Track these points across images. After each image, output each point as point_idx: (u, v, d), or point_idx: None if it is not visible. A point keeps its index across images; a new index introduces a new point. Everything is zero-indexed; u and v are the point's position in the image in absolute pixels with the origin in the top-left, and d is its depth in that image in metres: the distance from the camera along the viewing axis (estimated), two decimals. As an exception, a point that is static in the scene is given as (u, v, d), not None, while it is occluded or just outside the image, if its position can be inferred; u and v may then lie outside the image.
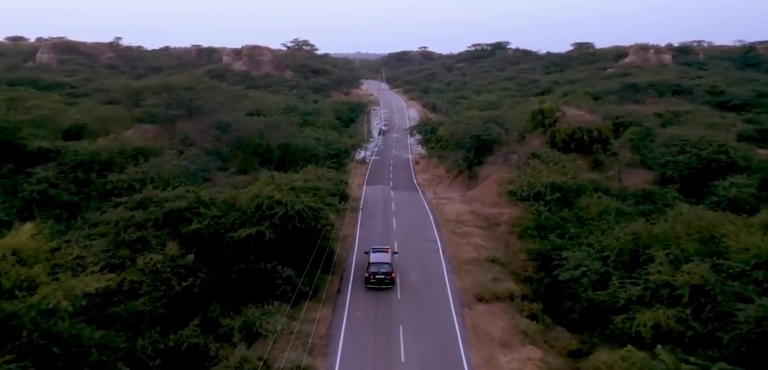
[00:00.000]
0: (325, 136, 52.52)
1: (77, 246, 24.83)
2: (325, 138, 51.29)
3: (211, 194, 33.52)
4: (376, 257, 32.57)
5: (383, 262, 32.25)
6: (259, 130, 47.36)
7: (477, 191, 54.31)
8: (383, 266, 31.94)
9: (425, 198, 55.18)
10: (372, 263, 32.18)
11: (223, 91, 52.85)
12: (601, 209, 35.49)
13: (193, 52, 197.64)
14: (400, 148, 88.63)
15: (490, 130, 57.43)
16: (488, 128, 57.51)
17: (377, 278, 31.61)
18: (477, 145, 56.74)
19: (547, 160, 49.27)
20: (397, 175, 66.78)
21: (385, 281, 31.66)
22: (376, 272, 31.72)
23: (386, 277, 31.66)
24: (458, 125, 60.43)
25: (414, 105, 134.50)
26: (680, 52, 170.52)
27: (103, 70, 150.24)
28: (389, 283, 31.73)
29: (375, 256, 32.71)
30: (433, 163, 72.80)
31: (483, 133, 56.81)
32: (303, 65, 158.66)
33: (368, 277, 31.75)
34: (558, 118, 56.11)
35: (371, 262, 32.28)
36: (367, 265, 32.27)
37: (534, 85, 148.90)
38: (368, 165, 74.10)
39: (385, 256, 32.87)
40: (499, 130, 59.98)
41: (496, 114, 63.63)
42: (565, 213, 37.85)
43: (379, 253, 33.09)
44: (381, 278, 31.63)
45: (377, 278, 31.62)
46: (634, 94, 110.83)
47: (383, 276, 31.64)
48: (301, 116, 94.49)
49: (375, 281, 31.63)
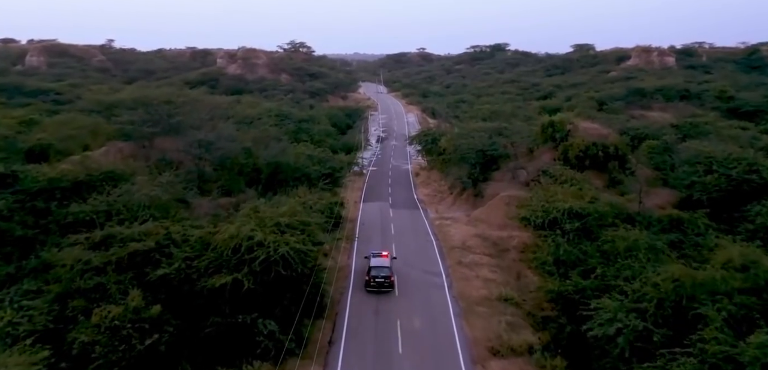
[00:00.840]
0: (318, 154, 47.88)
1: (10, 308, 20.26)
2: (319, 156, 46.69)
3: (184, 229, 29.00)
4: (375, 262, 33.69)
5: (383, 266, 33.39)
6: (245, 147, 42.72)
7: (483, 210, 49.87)
8: (383, 270, 33.02)
9: (427, 218, 50.70)
10: (372, 266, 33.26)
11: (206, 104, 48.13)
12: (628, 244, 31.05)
13: (187, 55, 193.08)
14: (399, 158, 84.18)
15: (497, 145, 52.96)
16: (495, 143, 53.03)
17: (377, 281, 32.66)
18: (482, 161, 52.24)
19: (560, 179, 44.87)
20: (396, 191, 62.29)
21: (385, 285, 32.71)
22: (376, 276, 32.75)
23: (385, 280, 32.75)
24: (462, 139, 55.87)
25: (413, 110, 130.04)
26: (683, 55, 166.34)
27: (93, 73, 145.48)
28: (388, 286, 32.79)
29: (374, 261, 33.84)
30: (434, 175, 68.37)
31: (489, 148, 52.32)
32: (299, 68, 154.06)
33: (368, 280, 32.84)
34: (570, 131, 51.70)
35: (371, 266, 33.39)
36: (368, 269, 33.37)
37: (535, 89, 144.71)
38: (366, 177, 69.63)
39: (384, 261, 33.99)
40: (505, 143, 55.55)
41: (503, 126, 59.10)
42: (586, 246, 33.38)
43: (379, 258, 34.23)
44: (381, 282, 32.68)
45: (377, 282, 32.66)
46: (641, 99, 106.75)
47: (383, 280, 32.72)
48: (295, 124, 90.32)
49: (375, 284, 32.68)
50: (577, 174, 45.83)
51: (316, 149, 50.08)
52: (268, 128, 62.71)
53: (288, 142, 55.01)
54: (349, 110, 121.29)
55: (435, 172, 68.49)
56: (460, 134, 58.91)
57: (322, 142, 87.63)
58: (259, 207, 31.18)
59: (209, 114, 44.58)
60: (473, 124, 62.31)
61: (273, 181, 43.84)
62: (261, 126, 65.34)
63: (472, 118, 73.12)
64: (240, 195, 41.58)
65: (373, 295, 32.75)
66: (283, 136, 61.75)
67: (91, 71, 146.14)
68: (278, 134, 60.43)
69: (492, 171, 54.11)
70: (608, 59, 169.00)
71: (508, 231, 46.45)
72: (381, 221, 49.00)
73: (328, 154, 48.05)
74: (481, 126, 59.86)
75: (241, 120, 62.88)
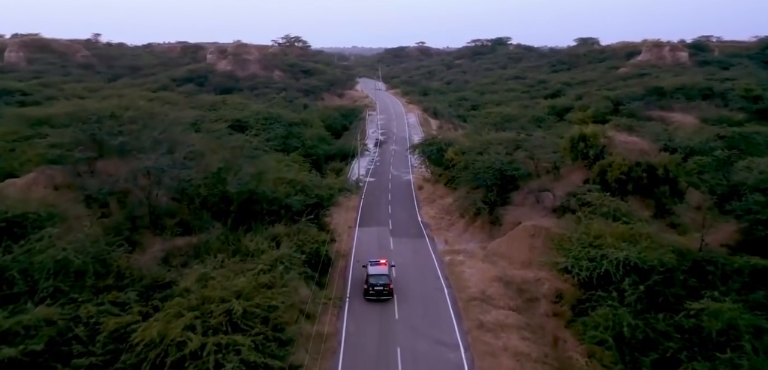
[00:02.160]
0: (303, 178, 38.47)
1: None
2: (303, 182, 37.39)
3: (99, 313, 20.01)
4: (373, 270, 32.41)
5: (381, 273, 32.09)
6: (212, 172, 33.44)
7: (502, 242, 40.91)
8: (381, 279, 31.84)
9: (435, 251, 41.70)
10: (370, 274, 32.12)
11: (166, 117, 38.65)
12: (722, 323, 22.14)
13: (178, 49, 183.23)
14: (400, 166, 75.11)
15: (517, 163, 43.86)
16: (515, 162, 43.91)
17: (376, 289, 31.62)
18: (500, 183, 43.19)
19: (600, 209, 35.87)
20: (397, 211, 53.23)
21: (384, 293, 31.68)
22: (375, 284, 31.69)
23: (384, 288, 31.72)
24: (476, 155, 46.72)
25: (413, 110, 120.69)
26: (694, 49, 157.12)
27: (75, 70, 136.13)
28: (387, 294, 31.72)
29: (372, 269, 32.53)
30: (439, 189, 59.30)
31: (509, 167, 43.20)
32: (293, 65, 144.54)
33: (367, 288, 31.83)
34: (605, 147, 42.72)
35: (369, 273, 32.21)
36: (366, 277, 32.34)
37: (542, 86, 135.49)
38: (362, 191, 60.62)
39: (382, 269, 32.65)
40: (525, 158, 46.51)
41: (521, 137, 49.97)
42: (657, 321, 24.39)
43: (377, 266, 32.85)
44: (379, 290, 31.62)
45: (376, 290, 31.62)
46: (659, 99, 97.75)
47: (381, 287, 31.67)
48: (285, 127, 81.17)
49: (374, 292, 31.62)
50: (621, 203, 36.86)
51: (301, 172, 40.54)
52: (249, 140, 53.53)
53: (268, 158, 45.89)
54: (346, 110, 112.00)
55: (440, 186, 59.45)
56: (473, 147, 49.81)
57: (315, 148, 78.93)
58: (210, 276, 22.05)
59: (164, 130, 35.21)
60: (487, 135, 53.04)
61: (246, 213, 34.77)
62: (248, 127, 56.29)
63: (484, 125, 63.96)
64: (201, 234, 32.57)
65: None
66: (265, 149, 52.68)
67: (73, 68, 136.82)
68: (261, 145, 51.37)
69: (510, 191, 45.09)
70: (617, 54, 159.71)
71: (534, 271, 37.66)
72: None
73: (316, 178, 38.28)
74: (496, 137, 50.67)
75: (210, 131, 53.30)
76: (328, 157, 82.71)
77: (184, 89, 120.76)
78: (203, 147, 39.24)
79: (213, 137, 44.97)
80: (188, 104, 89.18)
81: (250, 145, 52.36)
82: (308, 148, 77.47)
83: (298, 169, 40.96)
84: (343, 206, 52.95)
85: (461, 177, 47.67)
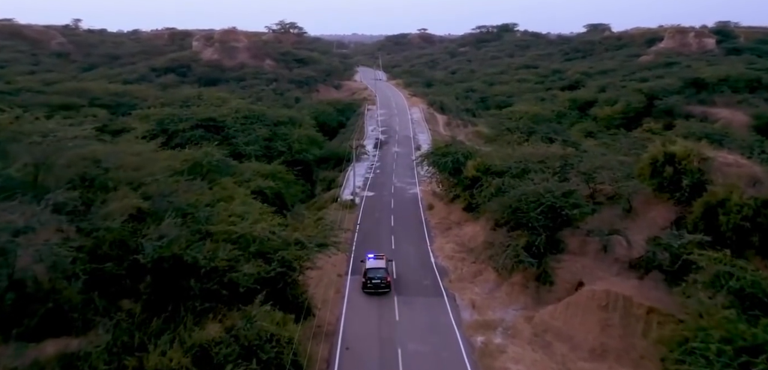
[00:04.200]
0: (262, 230, 23.77)
1: None
2: (262, 236, 23.13)
3: None
4: (372, 263, 31.81)
5: (379, 267, 31.54)
6: (100, 234, 20.04)
7: (557, 311, 27.53)
8: (379, 272, 31.25)
9: (459, 325, 28.20)
10: (369, 268, 31.45)
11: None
12: None
13: (165, 36, 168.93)
14: (404, 174, 61.61)
15: (577, 196, 30.14)
16: (574, 194, 30.12)
17: (374, 283, 30.98)
18: (552, 224, 29.56)
19: (721, 278, 22.45)
20: (403, 245, 39.70)
21: (381, 286, 30.93)
22: (373, 277, 31.05)
23: (382, 281, 31.02)
24: (510, 179, 33.07)
25: (417, 103, 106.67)
26: (719, 36, 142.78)
27: (48, 58, 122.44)
28: (385, 287, 30.97)
29: (371, 262, 31.88)
30: (455, 211, 45.84)
31: (566, 204, 29.43)
32: (286, 53, 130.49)
33: (365, 282, 31.18)
34: (703, 172, 29.20)
35: (368, 267, 31.52)
36: (364, 271, 31.57)
37: (558, 77, 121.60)
38: (358, 215, 47.35)
39: (380, 262, 31.94)
40: (578, 180, 32.93)
41: (569, 151, 36.29)
42: None
43: (375, 259, 32.14)
44: (377, 283, 30.97)
45: (374, 284, 30.98)
46: (698, 92, 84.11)
47: (379, 280, 31.02)
48: (269, 128, 67.61)
49: (372, 285, 30.97)
50: (746, 265, 23.40)
51: (263, 218, 26.12)
52: (210, 152, 40.16)
53: (228, 181, 32.54)
54: (342, 105, 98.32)
55: (457, 208, 46.00)
56: (505, 164, 36.17)
57: (304, 153, 65.46)
58: None
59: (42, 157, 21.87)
60: (521, 149, 39.18)
61: (169, 293, 21.37)
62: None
63: (509, 130, 50.24)
64: (85, 336, 19.29)
65: None
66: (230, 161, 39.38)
67: (45, 56, 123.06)
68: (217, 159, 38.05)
69: (560, 228, 31.50)
70: (635, 41, 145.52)
71: (607, 363, 24.73)
72: (379, 341, 26.55)
73: (282, 232, 24.03)
74: (534, 152, 36.98)
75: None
76: (321, 160, 69.26)
77: (163, 80, 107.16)
78: (120, 174, 25.79)
79: (148, 155, 31.37)
80: (158, 99, 75.72)
81: (209, 160, 39.12)
82: (295, 152, 64.05)
83: (259, 214, 27.04)
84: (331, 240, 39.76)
85: (491, 207, 34.12)
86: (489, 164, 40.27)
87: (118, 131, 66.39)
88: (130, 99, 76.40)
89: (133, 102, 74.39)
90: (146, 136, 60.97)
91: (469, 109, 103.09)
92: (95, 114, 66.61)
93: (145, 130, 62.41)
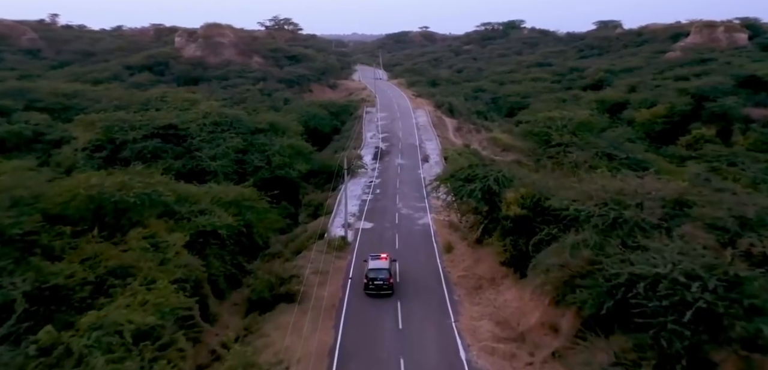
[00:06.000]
0: None
1: None
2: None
3: None
4: (374, 264, 29.65)
5: (381, 268, 29.29)
6: None
7: None
8: (381, 273, 29.04)
9: None
10: (370, 269, 29.35)
11: None
12: None
13: (150, 33, 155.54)
14: (410, 196, 48.24)
15: (751, 288, 16.66)
16: (749, 286, 16.59)
17: (376, 284, 28.95)
18: (693, 328, 16.22)
19: None
20: (414, 321, 26.46)
21: (383, 288, 28.88)
22: (375, 278, 28.98)
23: (384, 283, 28.91)
24: (600, 238, 19.68)
25: (422, 105, 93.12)
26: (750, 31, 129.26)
27: (15, 55, 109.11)
28: (387, 289, 28.84)
29: (373, 263, 29.78)
30: (484, 260, 32.52)
31: (719, 303, 15.85)
32: (276, 50, 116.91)
33: (367, 283, 29.16)
34: None
35: (370, 268, 29.43)
36: (366, 271, 29.43)
37: (578, 76, 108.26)
38: (351, 259, 34.15)
39: (382, 263, 29.73)
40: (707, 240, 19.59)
41: (689, 188, 22.69)
42: None
43: (377, 260, 30.00)
44: (379, 285, 28.92)
45: (376, 285, 28.95)
46: (757, 92, 70.87)
47: (381, 282, 28.91)
48: (245, 136, 54.29)
49: (374, 287, 28.99)
50: None
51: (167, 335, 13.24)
52: (131, 179, 26.92)
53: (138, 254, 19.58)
54: (337, 106, 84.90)
55: (487, 255, 32.58)
56: (579, 202, 22.69)
57: (287, 169, 52.14)
58: None
59: None
60: (602, 180, 24.83)
61: None
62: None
63: (547, 142, 36.65)
64: None
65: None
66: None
67: (11, 53, 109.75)
68: (143, 193, 25.08)
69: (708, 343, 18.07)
70: (657, 37, 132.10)
71: None
72: None
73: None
74: (623, 185, 23.19)
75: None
76: (310, 174, 55.91)
77: (136, 79, 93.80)
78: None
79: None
80: (114, 101, 62.45)
81: (122, 196, 25.67)
82: (275, 168, 50.74)
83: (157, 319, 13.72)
84: (311, 297, 26.78)
85: (579, 296, 20.48)
86: (539, 196, 26.93)
87: (56, 142, 53.47)
88: (82, 101, 63.01)
89: (84, 105, 61.04)
90: (87, 148, 48.55)
91: (480, 111, 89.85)
92: (27, 120, 53.48)
93: (87, 140, 50.00)
